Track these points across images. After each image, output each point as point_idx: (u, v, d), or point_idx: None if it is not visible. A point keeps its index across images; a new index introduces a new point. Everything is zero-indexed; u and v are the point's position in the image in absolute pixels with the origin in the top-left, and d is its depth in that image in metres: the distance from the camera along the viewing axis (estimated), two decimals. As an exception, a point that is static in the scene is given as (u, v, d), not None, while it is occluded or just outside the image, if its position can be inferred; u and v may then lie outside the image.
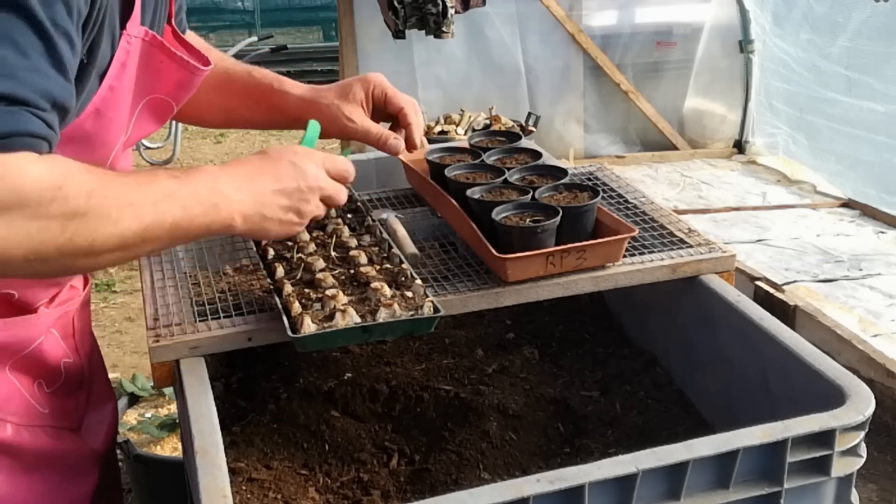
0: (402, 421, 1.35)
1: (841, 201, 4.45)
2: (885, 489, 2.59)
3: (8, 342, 1.11)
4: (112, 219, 0.92)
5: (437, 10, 4.21)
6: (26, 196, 0.85)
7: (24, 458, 1.13)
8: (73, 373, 1.24)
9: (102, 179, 0.93)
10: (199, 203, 1.00)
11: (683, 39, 5.15)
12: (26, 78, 0.86)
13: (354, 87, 1.38)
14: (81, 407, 1.26)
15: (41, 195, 0.86)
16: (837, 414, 1.01)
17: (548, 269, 1.27)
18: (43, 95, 0.87)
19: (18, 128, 0.85)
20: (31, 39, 0.86)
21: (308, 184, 1.11)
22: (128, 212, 0.94)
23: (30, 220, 0.86)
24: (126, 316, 3.91)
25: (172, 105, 1.22)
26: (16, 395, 1.13)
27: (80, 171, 0.91)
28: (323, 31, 11.01)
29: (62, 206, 0.88)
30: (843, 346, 2.94)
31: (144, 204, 0.95)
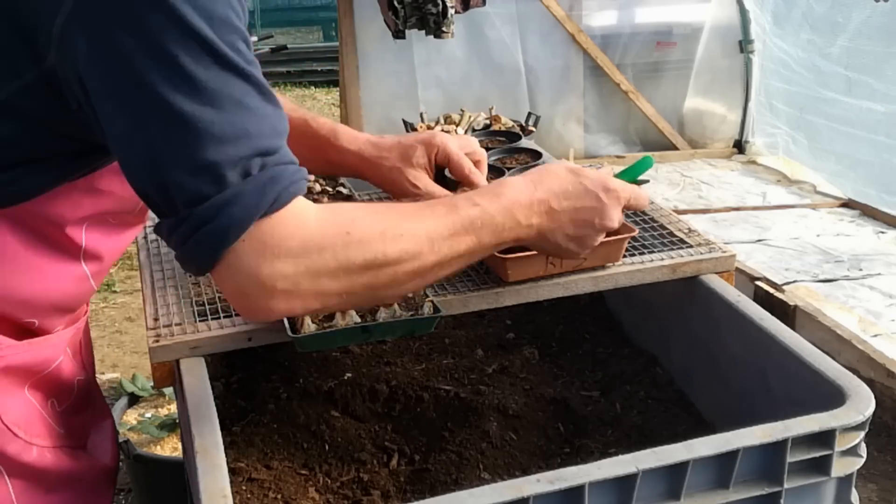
0: (402, 421, 1.35)
1: (841, 201, 4.45)
2: (885, 489, 2.59)
3: (32, 363, 1.11)
4: (410, 256, 0.98)
5: (437, 10, 4.21)
6: (318, 242, 0.92)
7: (48, 480, 1.12)
8: (84, 390, 1.24)
9: (391, 217, 0.99)
10: (492, 231, 1.05)
11: (683, 39, 5.15)
12: (257, 130, 0.89)
13: (418, 150, 1.34)
14: (88, 424, 1.26)
15: (332, 239, 0.93)
16: (837, 414, 1.01)
17: (548, 269, 1.27)
18: (274, 136, 0.92)
19: (284, 183, 0.90)
20: (243, 87, 0.89)
21: (603, 224, 1.14)
22: (425, 248, 0.99)
23: (331, 262, 0.93)
24: (126, 316, 3.91)
25: None
26: (37, 418, 1.12)
27: (365, 215, 0.98)
28: (323, 31, 11.01)
29: (360, 250, 0.94)
30: (843, 346, 2.94)
31: (441, 240, 1.00)
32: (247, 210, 0.88)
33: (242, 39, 0.91)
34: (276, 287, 0.91)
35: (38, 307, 1.09)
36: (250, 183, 0.88)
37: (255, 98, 0.90)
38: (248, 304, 0.94)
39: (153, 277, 1.33)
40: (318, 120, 1.39)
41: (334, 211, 0.97)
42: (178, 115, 0.85)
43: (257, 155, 0.89)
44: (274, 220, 0.90)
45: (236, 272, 0.90)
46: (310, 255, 0.92)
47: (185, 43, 0.85)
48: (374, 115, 4.79)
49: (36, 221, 1.04)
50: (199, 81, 0.86)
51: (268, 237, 0.90)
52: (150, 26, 0.85)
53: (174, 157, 0.87)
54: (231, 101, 0.88)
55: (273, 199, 0.89)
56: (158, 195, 0.89)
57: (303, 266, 0.92)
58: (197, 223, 0.88)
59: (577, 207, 1.11)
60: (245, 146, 0.88)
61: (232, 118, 0.88)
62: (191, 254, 0.91)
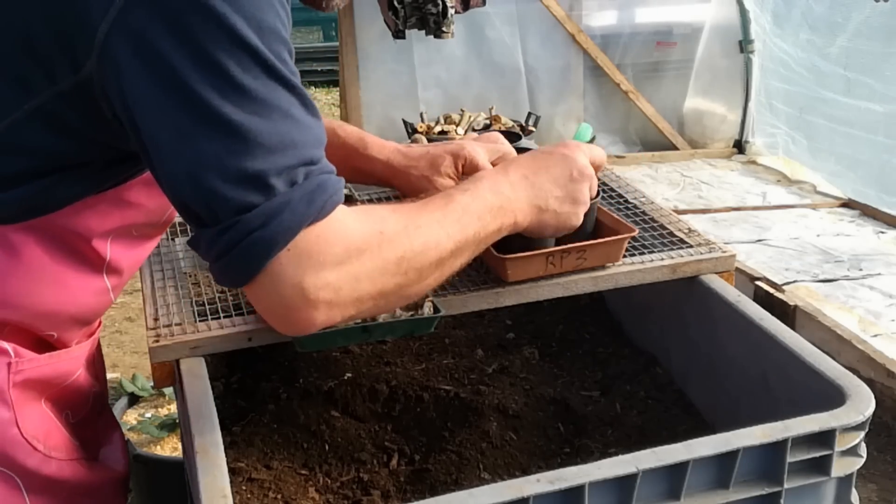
0: (402, 421, 1.35)
1: (841, 201, 4.45)
2: (885, 489, 2.59)
3: (51, 376, 1.10)
4: (431, 244, 1.00)
5: (437, 10, 4.21)
6: (360, 246, 0.93)
7: (66, 494, 1.12)
8: (98, 402, 1.24)
9: (407, 213, 1.01)
10: (488, 210, 1.07)
11: (683, 39, 5.15)
12: (303, 140, 0.90)
13: (446, 160, 1.35)
14: (100, 436, 1.26)
15: (369, 240, 0.94)
16: (837, 414, 1.01)
17: (548, 269, 1.27)
18: (317, 146, 0.93)
19: (329, 192, 0.91)
20: (289, 98, 0.90)
21: (580, 171, 1.16)
22: (441, 235, 1.01)
23: (370, 265, 0.94)
24: (126, 316, 3.91)
25: None
26: (54, 430, 1.11)
27: (389, 213, 1.00)
28: (323, 31, 10.99)
29: (392, 247, 0.96)
30: (843, 346, 2.94)
31: (451, 223, 1.03)
32: (296, 217, 0.88)
33: (287, 50, 0.92)
34: (319, 297, 0.91)
35: (59, 320, 1.09)
36: (297, 191, 0.89)
37: (299, 109, 0.91)
38: (288, 315, 0.93)
39: (153, 277, 1.33)
40: (345, 128, 1.40)
41: (367, 211, 0.99)
42: (226, 124, 0.86)
43: (303, 164, 0.90)
44: (319, 228, 0.91)
45: (279, 283, 0.90)
46: (351, 260, 0.93)
47: (235, 52, 0.86)
48: (374, 115, 4.79)
49: (63, 233, 1.04)
50: (247, 91, 0.86)
51: (313, 245, 0.90)
52: (198, 35, 0.84)
53: (222, 166, 0.86)
54: (279, 111, 0.88)
55: (320, 207, 0.90)
56: (202, 205, 0.88)
57: (344, 272, 0.92)
58: (244, 231, 0.87)
59: (548, 167, 1.15)
60: (292, 156, 0.89)
61: (279, 128, 0.88)
62: (234, 262, 0.90)
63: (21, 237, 1.01)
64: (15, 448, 1.04)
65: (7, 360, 1.03)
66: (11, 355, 1.04)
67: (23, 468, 1.05)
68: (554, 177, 1.15)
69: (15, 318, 1.04)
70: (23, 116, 0.95)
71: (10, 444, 1.04)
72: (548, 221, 1.16)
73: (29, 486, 1.07)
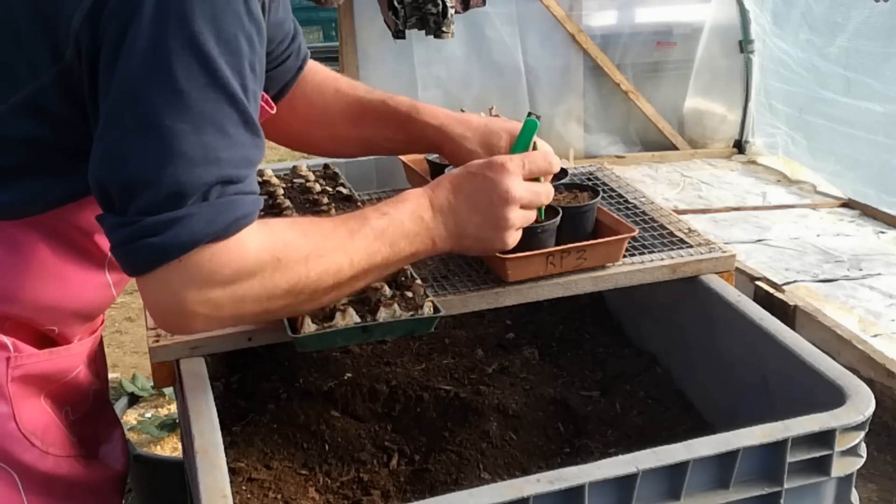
0: (402, 421, 1.35)
1: (841, 201, 4.45)
2: (885, 489, 2.59)
3: (51, 372, 1.10)
4: (330, 273, 1.00)
5: (437, 10, 4.21)
6: (251, 270, 0.94)
7: (62, 490, 1.12)
8: (98, 399, 1.24)
9: (316, 238, 1.00)
10: (404, 236, 1.07)
11: (683, 39, 5.15)
12: (229, 157, 0.91)
13: (502, 138, 1.32)
14: (99, 433, 1.25)
15: (263, 266, 0.94)
16: (837, 414, 1.01)
17: (548, 269, 1.27)
18: (244, 165, 0.93)
19: (237, 214, 0.91)
20: (229, 113, 0.90)
21: (501, 196, 1.11)
22: (344, 262, 1.01)
23: (258, 288, 0.95)
24: (126, 316, 3.91)
25: None
26: (52, 426, 1.11)
27: (295, 238, 0.99)
28: (323, 31, 10.99)
29: (285, 276, 0.96)
30: (843, 346, 2.94)
31: (358, 251, 1.03)
32: (193, 234, 0.89)
33: (249, 64, 0.92)
34: (197, 311, 0.93)
35: (60, 314, 1.09)
36: (204, 208, 0.89)
37: (237, 126, 0.91)
38: (165, 317, 0.96)
39: (153, 277, 1.33)
40: (395, 98, 1.39)
41: (272, 233, 0.97)
42: (157, 128, 0.87)
43: (220, 182, 0.90)
44: (215, 247, 0.91)
45: (163, 289, 0.92)
46: (239, 282, 0.94)
47: (187, 58, 0.87)
48: (374, 116, 4.78)
49: (65, 228, 1.04)
50: (187, 98, 0.87)
51: (205, 264, 0.91)
52: (159, 33, 0.86)
53: (142, 164, 0.88)
54: (213, 125, 0.89)
55: (222, 227, 0.90)
56: (115, 191, 0.90)
57: (229, 292, 0.93)
58: (141, 232, 0.89)
59: (468, 193, 1.11)
60: (212, 172, 0.89)
61: (208, 142, 0.89)
62: (127, 256, 0.91)
63: (22, 232, 1.02)
64: (12, 443, 1.04)
65: (6, 355, 1.03)
66: (11, 350, 1.04)
67: (19, 463, 1.05)
68: (474, 202, 1.11)
69: (16, 312, 1.04)
70: (9, 109, 0.96)
71: (7, 438, 1.04)
72: (469, 247, 1.15)
73: (25, 482, 1.07)
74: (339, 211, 1.42)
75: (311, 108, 1.38)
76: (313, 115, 1.38)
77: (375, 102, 1.39)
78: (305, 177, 1.59)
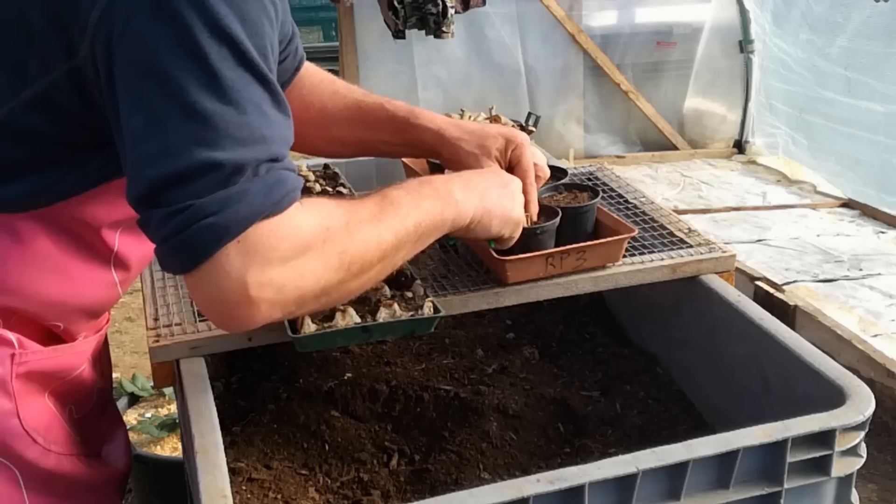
0: (402, 421, 1.35)
1: (841, 201, 4.45)
2: (885, 489, 2.59)
3: (55, 369, 1.10)
4: (372, 240, 0.99)
5: (437, 10, 4.21)
6: (307, 243, 0.92)
7: (63, 488, 1.12)
8: (102, 398, 1.24)
9: (349, 209, 1.00)
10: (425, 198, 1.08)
11: (683, 39, 5.15)
12: (271, 135, 0.91)
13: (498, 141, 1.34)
14: (103, 432, 1.26)
15: (316, 237, 0.93)
16: (837, 414, 1.01)
17: (548, 270, 1.26)
18: (284, 144, 0.93)
19: (288, 187, 0.91)
20: (262, 94, 0.90)
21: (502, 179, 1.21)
22: (381, 229, 1.01)
23: (314, 262, 0.93)
24: (126, 316, 3.90)
25: None
26: (55, 424, 1.11)
27: (334, 208, 0.98)
28: (323, 31, 10.98)
29: (336, 245, 0.95)
30: (843, 346, 2.94)
31: (390, 217, 1.02)
32: (252, 208, 0.87)
33: (271, 45, 0.92)
34: (261, 295, 0.89)
35: (65, 310, 1.09)
36: (257, 183, 0.88)
37: (270, 105, 0.91)
38: (228, 310, 0.91)
39: (153, 277, 1.33)
40: (393, 103, 1.40)
41: (313, 205, 0.96)
42: (200, 112, 0.86)
43: (268, 160, 0.90)
44: (272, 223, 0.89)
45: (223, 275, 0.88)
46: (298, 257, 0.91)
47: (216, 42, 0.86)
48: (373, 116, 4.78)
49: (71, 223, 1.04)
50: (224, 80, 0.87)
51: (264, 240, 0.89)
52: (183, 20, 0.85)
53: (188, 152, 0.86)
54: (252, 105, 0.89)
55: (277, 200, 0.89)
56: (162, 188, 0.87)
57: (289, 269, 0.91)
58: (198, 214, 0.86)
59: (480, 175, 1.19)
60: (260, 150, 0.89)
61: (251, 122, 0.88)
62: (181, 246, 0.87)
63: (28, 226, 1.02)
64: (14, 439, 1.04)
65: (11, 351, 1.03)
66: (16, 346, 1.04)
67: (21, 459, 1.05)
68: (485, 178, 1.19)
69: (22, 307, 1.04)
70: (20, 104, 0.96)
71: (9, 434, 1.04)
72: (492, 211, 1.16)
73: (27, 479, 1.07)
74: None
75: (308, 108, 1.38)
76: (310, 115, 1.38)
77: (373, 105, 1.39)
78: (305, 177, 1.59)
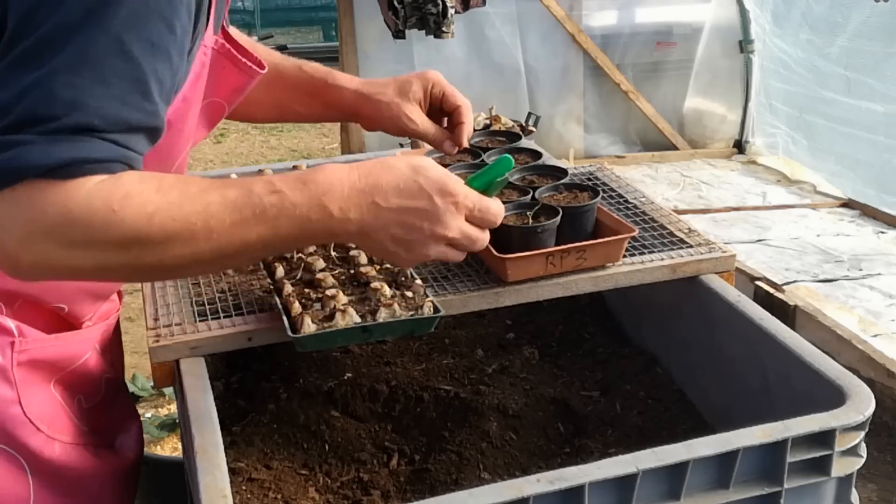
0: (402, 421, 1.35)
1: (841, 201, 4.45)
2: (885, 489, 2.59)
3: (57, 358, 1.10)
4: (181, 240, 0.91)
5: (437, 10, 4.21)
6: (76, 217, 0.85)
7: (69, 478, 1.12)
8: (112, 388, 1.24)
9: (171, 197, 0.90)
10: (293, 223, 0.95)
11: (683, 39, 5.15)
12: (98, 106, 0.86)
13: (414, 84, 1.34)
14: (116, 423, 1.26)
15: (92, 216, 0.86)
16: (837, 414, 1.01)
17: (548, 269, 1.27)
18: (113, 121, 0.87)
19: (78, 155, 0.85)
20: (115, 63, 0.86)
21: (435, 231, 1.00)
22: (200, 233, 0.91)
23: (85, 237, 0.87)
24: (126, 316, 3.90)
25: (225, 107, 1.22)
26: (61, 413, 1.11)
27: (145, 192, 0.89)
28: (323, 31, 11.00)
29: (118, 230, 0.87)
30: (843, 346, 2.94)
31: (221, 224, 0.92)
32: (24, 162, 0.83)
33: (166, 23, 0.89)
34: (21, 254, 0.86)
35: (67, 290, 1.08)
36: (44, 140, 0.84)
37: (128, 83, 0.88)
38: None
39: (153, 277, 1.33)
40: (310, 64, 1.40)
41: (115, 184, 0.88)
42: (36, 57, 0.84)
43: (76, 126, 0.85)
44: (48, 184, 0.85)
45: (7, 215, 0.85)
46: (64, 228, 0.86)
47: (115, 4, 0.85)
48: (374, 115, 4.79)
49: None
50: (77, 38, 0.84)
51: (33, 200, 0.84)
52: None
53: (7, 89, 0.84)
54: (94, 71, 0.85)
55: (56, 163, 0.84)
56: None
57: (54, 238, 0.86)
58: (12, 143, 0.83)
59: (405, 207, 0.99)
60: (69, 114, 0.84)
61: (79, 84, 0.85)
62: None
63: None
64: (16, 426, 1.05)
65: (10, 340, 1.03)
66: (15, 334, 1.04)
67: (25, 447, 1.06)
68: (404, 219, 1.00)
69: (24, 290, 1.04)
70: None
71: (11, 422, 1.04)
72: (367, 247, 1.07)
73: (33, 467, 1.07)
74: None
75: None
76: None
77: (290, 68, 1.39)
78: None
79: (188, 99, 1.06)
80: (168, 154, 1.09)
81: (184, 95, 1.04)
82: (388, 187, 0.99)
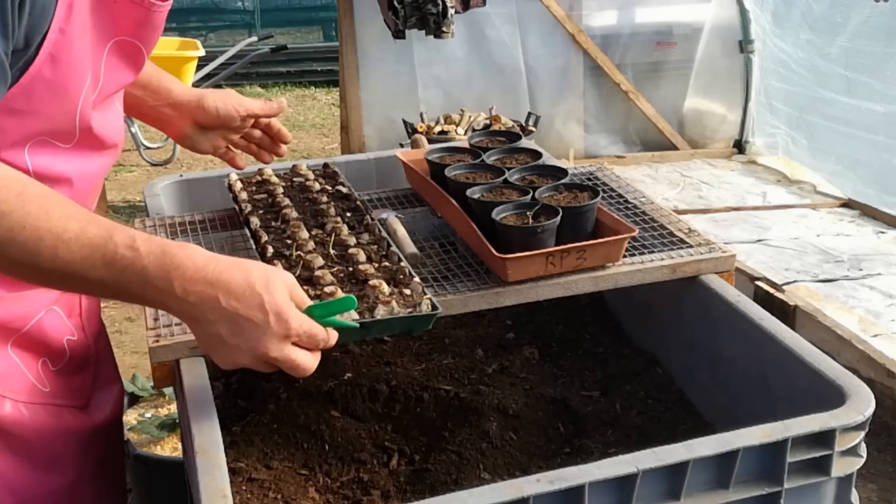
0: (402, 421, 1.35)
1: (841, 201, 4.45)
2: (885, 489, 2.59)
3: (6, 318, 1.11)
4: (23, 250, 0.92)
5: (437, 10, 4.21)
6: None
7: (23, 436, 1.13)
8: (78, 351, 1.24)
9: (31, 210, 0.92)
10: (136, 282, 0.96)
11: (683, 39, 5.15)
12: None
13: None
14: (88, 386, 1.26)
15: None
16: (837, 414, 1.01)
17: (548, 269, 1.27)
18: None
19: None
20: None
21: (252, 346, 0.98)
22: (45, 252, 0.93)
23: None
24: (126, 316, 3.90)
25: (141, 48, 1.19)
26: (16, 373, 1.13)
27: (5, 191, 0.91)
28: (323, 31, 10.99)
29: None
30: (843, 346, 2.94)
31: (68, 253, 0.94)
32: None
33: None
34: None
35: None
36: None
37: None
38: None
39: (153, 277, 1.33)
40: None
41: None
42: None
43: None
44: None
45: None
46: None
47: None
48: (374, 115, 4.79)
49: None
50: None
51: None
52: None
53: None
54: None
55: None
56: None
57: None
58: None
59: (239, 314, 0.98)
60: None
61: None
62: None
63: None
64: None
65: None
66: None
67: None
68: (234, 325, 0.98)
69: None
70: None
71: None
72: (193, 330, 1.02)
73: None
74: (338, 210, 1.42)
75: None
76: None
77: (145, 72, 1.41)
78: (305, 176, 1.59)
79: (65, 30, 1.03)
80: (64, 90, 1.06)
81: (59, 27, 1.02)
82: (235, 290, 0.98)
